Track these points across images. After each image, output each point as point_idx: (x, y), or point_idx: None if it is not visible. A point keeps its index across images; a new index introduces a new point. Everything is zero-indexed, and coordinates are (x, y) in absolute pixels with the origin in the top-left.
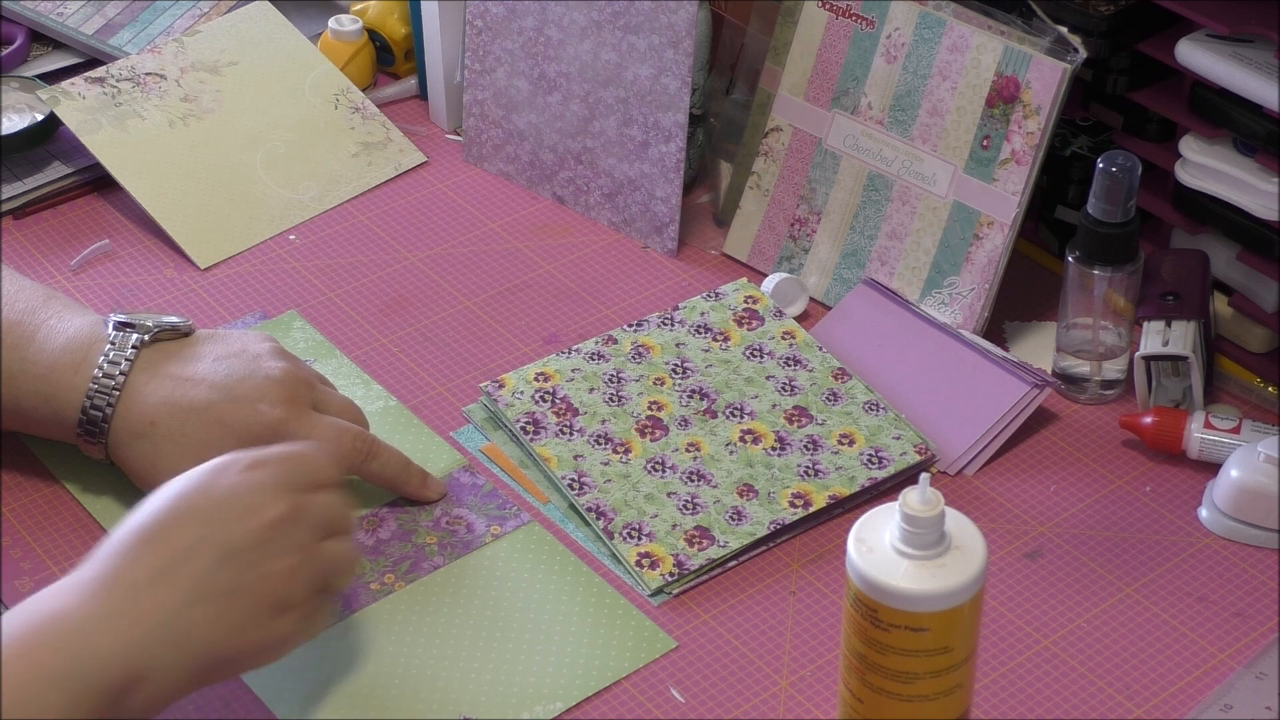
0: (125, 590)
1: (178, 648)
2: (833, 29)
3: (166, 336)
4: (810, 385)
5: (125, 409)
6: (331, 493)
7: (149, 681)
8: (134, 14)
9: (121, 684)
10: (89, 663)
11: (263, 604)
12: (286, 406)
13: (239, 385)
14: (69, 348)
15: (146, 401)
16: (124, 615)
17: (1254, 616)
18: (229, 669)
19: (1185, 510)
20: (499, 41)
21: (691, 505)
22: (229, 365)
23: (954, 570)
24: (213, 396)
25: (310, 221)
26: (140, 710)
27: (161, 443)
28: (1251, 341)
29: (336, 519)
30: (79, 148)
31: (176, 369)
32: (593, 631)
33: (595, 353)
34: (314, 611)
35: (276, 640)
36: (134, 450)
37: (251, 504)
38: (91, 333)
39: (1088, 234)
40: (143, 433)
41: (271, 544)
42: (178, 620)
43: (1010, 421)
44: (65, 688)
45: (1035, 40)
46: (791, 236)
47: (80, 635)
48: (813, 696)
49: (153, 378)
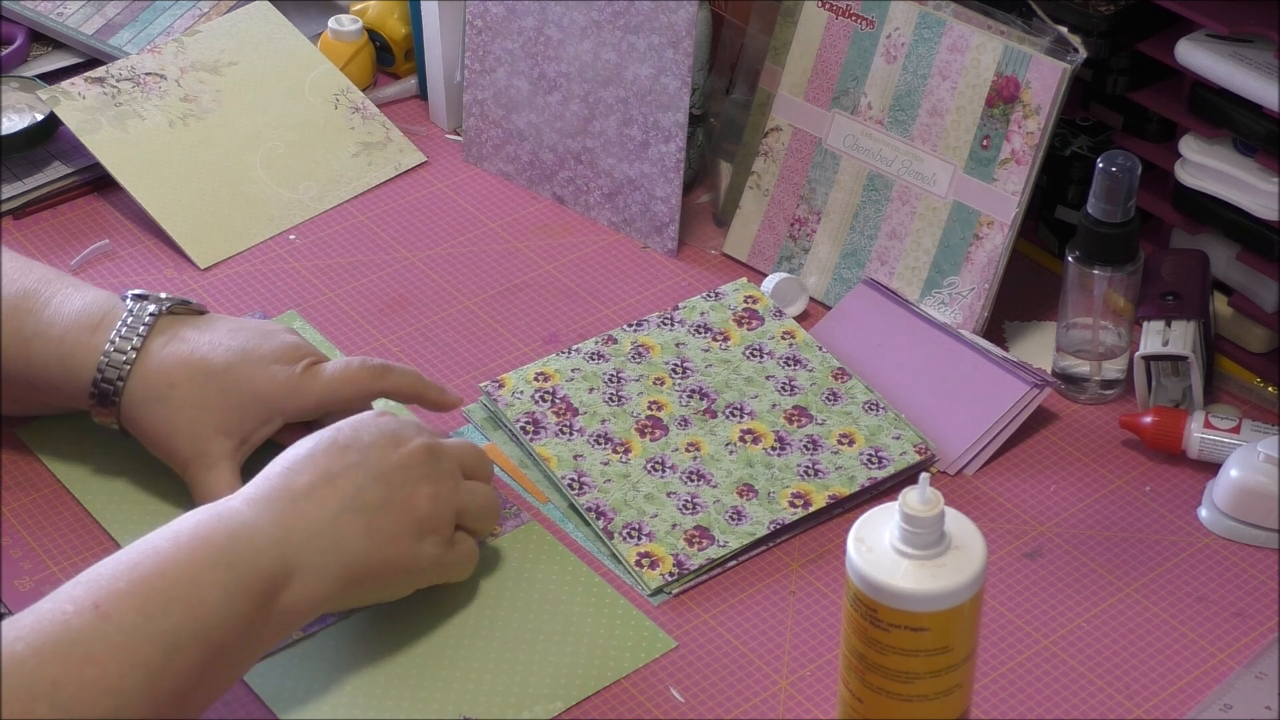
0: (284, 499)
1: (327, 551)
2: (833, 29)
3: (181, 311)
4: (810, 385)
5: (142, 370)
6: (466, 444)
7: (300, 578)
8: (134, 14)
9: (277, 576)
10: (250, 551)
11: (407, 522)
12: (299, 364)
13: (255, 349)
14: (86, 311)
15: (165, 363)
16: (282, 517)
17: (1254, 616)
18: (373, 585)
19: (1185, 510)
20: (499, 41)
21: (691, 505)
22: (244, 334)
23: (954, 570)
24: (230, 359)
25: (310, 221)
26: (293, 610)
27: (181, 405)
28: (1251, 341)
29: (475, 463)
30: (79, 148)
31: (194, 335)
32: (593, 631)
33: (595, 353)
34: (454, 545)
35: (418, 563)
36: (151, 413)
37: (398, 436)
38: (108, 302)
39: (1088, 234)
40: (161, 395)
41: (417, 469)
42: (330, 527)
43: (1010, 421)
44: (229, 568)
45: (1035, 40)
46: (791, 236)
47: (244, 528)
48: (813, 696)
49: (170, 340)
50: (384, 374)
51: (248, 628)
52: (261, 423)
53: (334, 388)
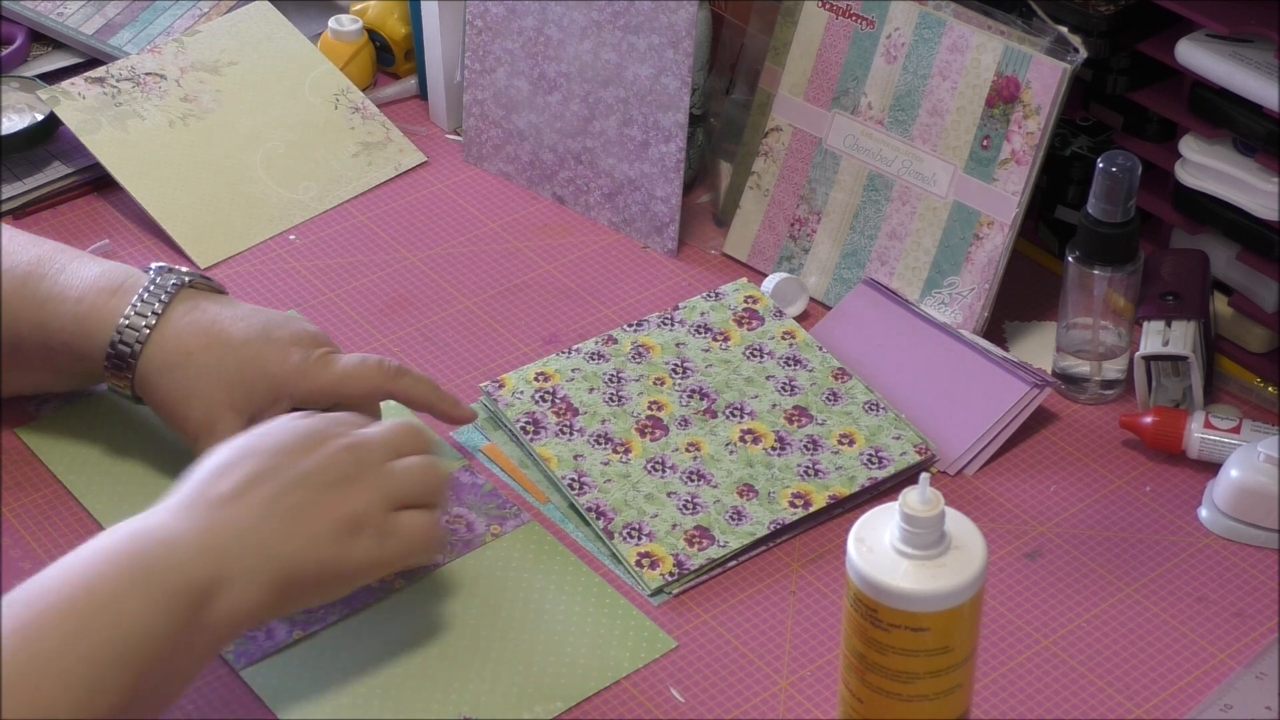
0: (203, 508)
1: (254, 557)
2: (833, 29)
3: (203, 286)
4: (810, 385)
5: (161, 336)
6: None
7: (229, 588)
8: (134, 14)
9: (202, 587)
10: (170, 564)
11: (331, 522)
12: (316, 351)
13: (276, 330)
14: (105, 275)
15: (185, 331)
16: (204, 525)
17: (1254, 616)
18: (309, 590)
19: (1185, 510)
20: (499, 41)
21: (691, 505)
22: (265, 314)
23: (954, 570)
24: (250, 335)
25: (310, 221)
26: (224, 621)
27: (197, 374)
28: (1251, 341)
29: (406, 440)
30: (79, 148)
31: (215, 308)
32: (593, 631)
33: (595, 353)
34: (391, 533)
35: (352, 563)
36: (166, 379)
37: (316, 436)
38: (127, 270)
39: (1088, 234)
40: (178, 363)
41: (337, 469)
42: (252, 533)
43: (1010, 421)
44: (150, 585)
45: (1035, 40)
46: (791, 236)
47: (162, 541)
48: (813, 696)
49: (192, 309)
50: (398, 376)
51: (174, 642)
52: (270, 402)
53: (346, 379)
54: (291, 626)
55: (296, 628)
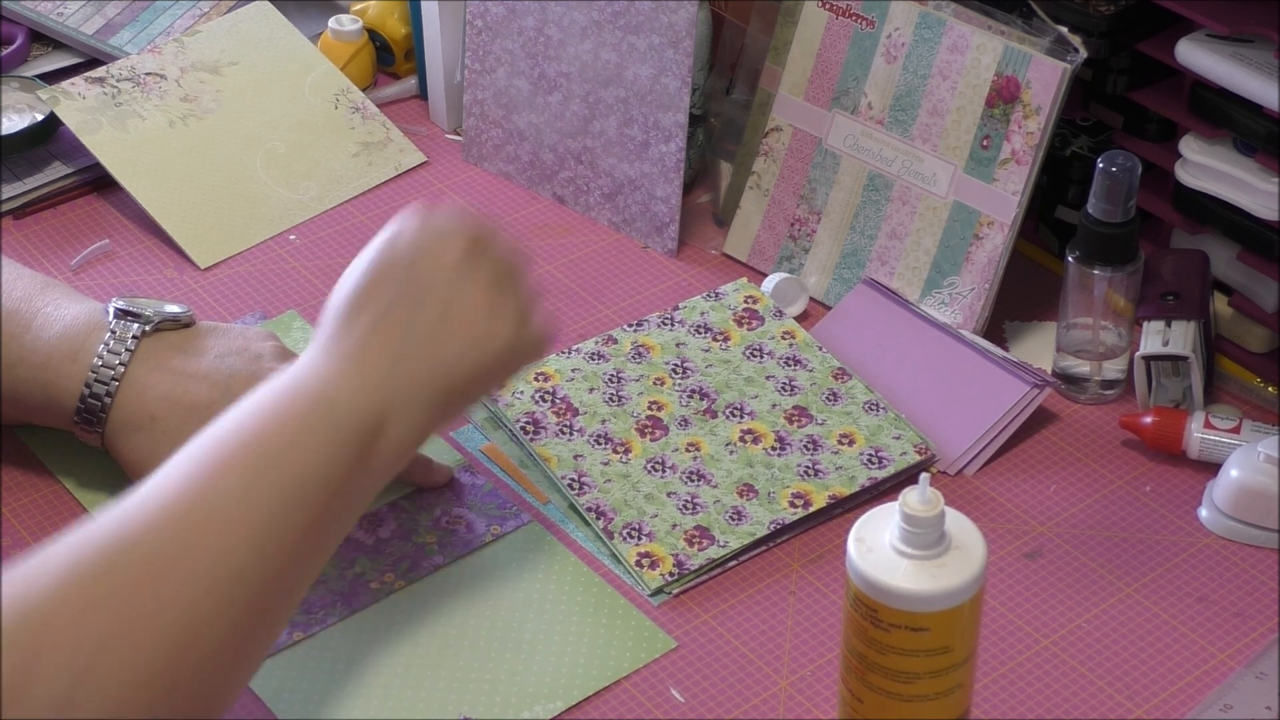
0: (348, 352)
1: (408, 386)
2: (833, 29)
3: (168, 327)
4: (810, 385)
5: (124, 400)
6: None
7: (394, 420)
8: (134, 14)
9: (369, 427)
10: (336, 410)
11: (468, 325)
12: None
13: (240, 386)
14: (67, 335)
15: (147, 395)
16: (353, 368)
17: (1254, 616)
18: (464, 394)
19: (1185, 510)
20: (499, 41)
21: (691, 505)
22: (231, 363)
23: (954, 570)
24: (214, 395)
25: (310, 221)
26: (393, 451)
27: (160, 438)
28: (1251, 341)
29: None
30: (79, 148)
31: (179, 363)
32: (593, 631)
33: (595, 353)
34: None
35: (498, 356)
36: (131, 442)
37: (432, 251)
38: (90, 320)
39: (1088, 234)
40: (141, 426)
41: (463, 270)
42: (400, 363)
43: (1010, 421)
44: (320, 434)
45: (1035, 40)
46: (791, 236)
47: (323, 389)
48: (813, 696)
49: (154, 370)
50: None
51: (346, 480)
52: None
53: None
54: (291, 627)
55: (296, 628)
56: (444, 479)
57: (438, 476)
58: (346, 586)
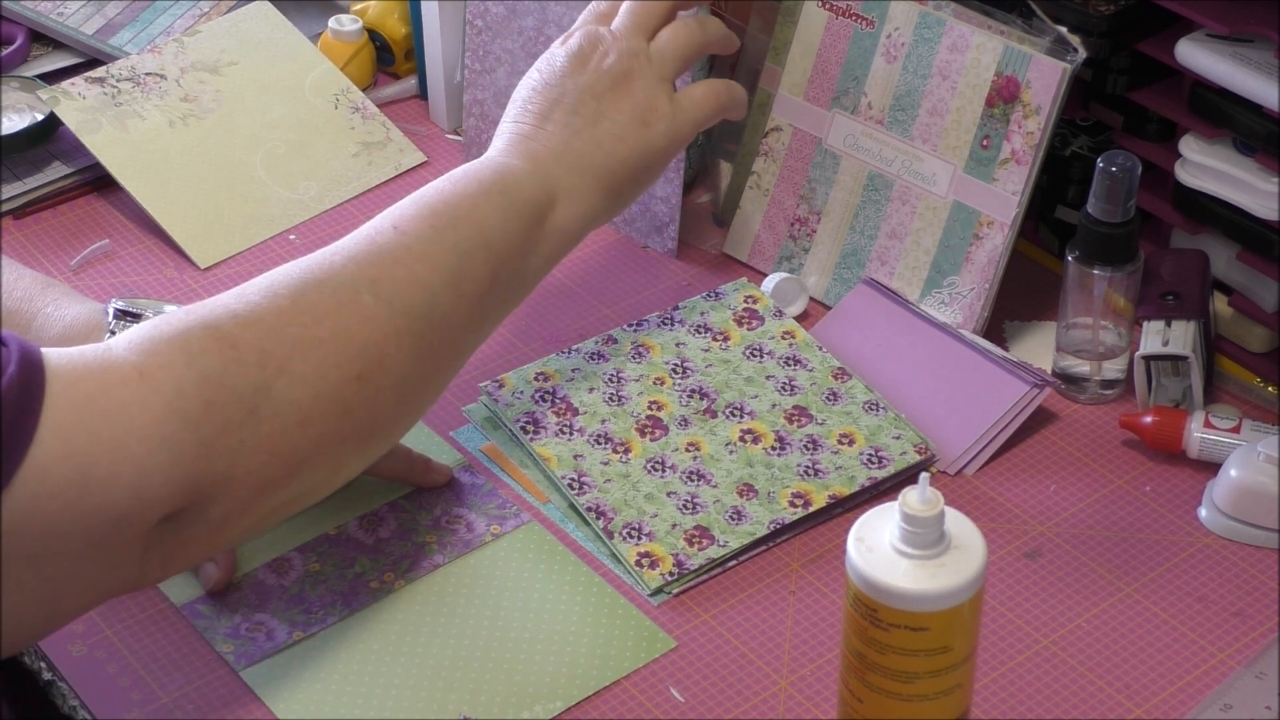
0: (521, 144)
1: (574, 173)
2: (833, 29)
3: None
4: (810, 385)
5: None
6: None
7: (563, 201)
8: (134, 14)
9: (540, 201)
10: (512, 184)
11: (628, 116)
12: None
13: None
14: (67, 335)
15: None
16: (525, 158)
17: (1254, 616)
18: (632, 181)
19: (1185, 510)
20: (499, 41)
21: (691, 505)
22: None
23: (954, 570)
24: None
25: (310, 221)
26: (567, 226)
27: None
28: (1251, 341)
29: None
30: (79, 148)
31: None
32: (593, 631)
33: (595, 352)
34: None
35: (658, 144)
36: None
37: (585, 51)
38: (89, 322)
39: (1088, 234)
40: None
41: (610, 69)
42: (568, 152)
43: (1010, 421)
44: (498, 203)
45: (1035, 40)
46: (791, 236)
47: (499, 169)
48: (813, 696)
49: None
50: None
51: (524, 242)
52: None
53: None
54: (291, 627)
55: (296, 628)
56: (444, 479)
57: (437, 476)
58: (346, 586)
